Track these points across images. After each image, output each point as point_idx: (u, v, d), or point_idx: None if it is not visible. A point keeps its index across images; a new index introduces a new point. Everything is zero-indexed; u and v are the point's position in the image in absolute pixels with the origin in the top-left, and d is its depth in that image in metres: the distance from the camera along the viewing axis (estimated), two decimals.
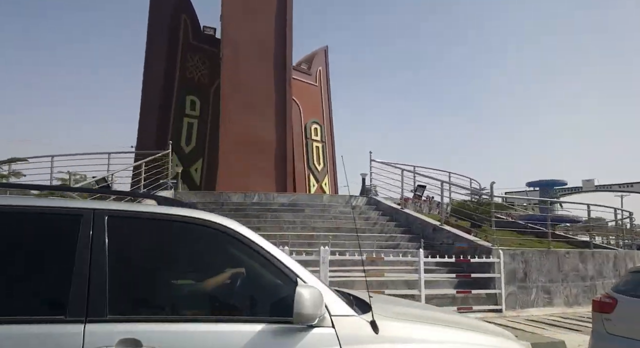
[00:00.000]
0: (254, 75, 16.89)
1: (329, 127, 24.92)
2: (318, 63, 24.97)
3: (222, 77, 16.21)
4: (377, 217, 11.80)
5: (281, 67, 17.07)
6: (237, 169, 15.74)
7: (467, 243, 9.50)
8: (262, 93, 16.89)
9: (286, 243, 8.78)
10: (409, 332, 2.31)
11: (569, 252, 10.03)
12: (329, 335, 2.10)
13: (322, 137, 24.29)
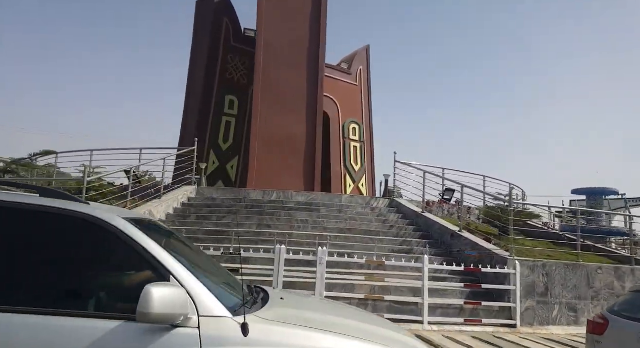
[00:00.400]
0: (287, 76, 17.01)
1: (368, 127, 24.61)
2: (359, 62, 24.74)
3: (255, 78, 16.47)
4: (397, 220, 11.39)
5: (314, 67, 17.07)
6: (268, 168, 15.91)
7: (480, 251, 8.91)
8: (294, 94, 16.99)
9: (284, 242, 8.65)
10: (282, 337, 2.14)
11: (602, 267, 9.12)
12: (189, 336, 2.02)
13: (361, 137, 24.03)
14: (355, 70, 24.41)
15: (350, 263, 8.15)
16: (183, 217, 10.47)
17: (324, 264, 7.52)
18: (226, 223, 10.04)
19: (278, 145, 16.27)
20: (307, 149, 16.42)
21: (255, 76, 16.65)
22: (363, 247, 9.40)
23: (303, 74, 17.40)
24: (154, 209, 9.87)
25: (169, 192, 11.32)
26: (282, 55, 17.02)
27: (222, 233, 9.39)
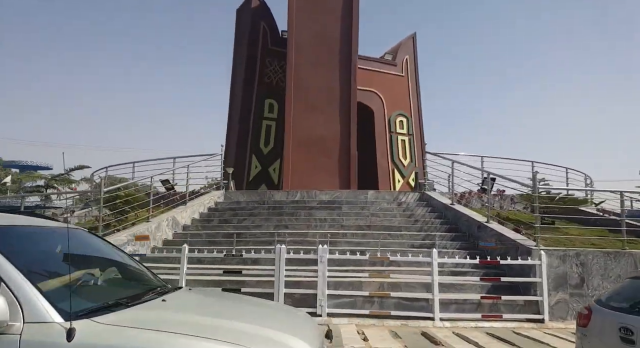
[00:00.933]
0: (319, 75, 16.99)
1: (417, 119, 23.82)
2: (405, 52, 24.05)
3: (287, 78, 16.60)
4: (424, 214, 10.85)
5: (346, 65, 16.88)
6: (302, 169, 15.96)
7: (504, 242, 8.20)
8: (326, 92, 16.92)
9: (284, 241, 8.58)
10: (111, 341, 2.08)
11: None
12: (8, 343, 2.05)
13: (409, 130, 23.34)
14: (400, 60, 23.73)
15: (361, 261, 7.90)
16: (207, 221, 10.77)
17: (324, 262, 7.35)
18: (245, 226, 10.17)
19: (312, 146, 16.25)
20: (341, 147, 16.23)
21: (287, 77, 16.79)
22: (380, 244, 9.05)
23: (335, 72, 17.27)
24: (177, 215, 10.27)
25: (198, 197, 11.72)
26: (313, 53, 17.00)
27: (240, 236, 9.52)
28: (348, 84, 16.94)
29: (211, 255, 7.58)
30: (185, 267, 7.40)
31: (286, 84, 16.87)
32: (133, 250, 8.49)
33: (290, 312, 3.42)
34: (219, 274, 7.61)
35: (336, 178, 16.10)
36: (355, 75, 16.91)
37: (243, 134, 19.52)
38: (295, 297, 7.31)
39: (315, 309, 7.19)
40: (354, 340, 6.03)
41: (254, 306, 3.29)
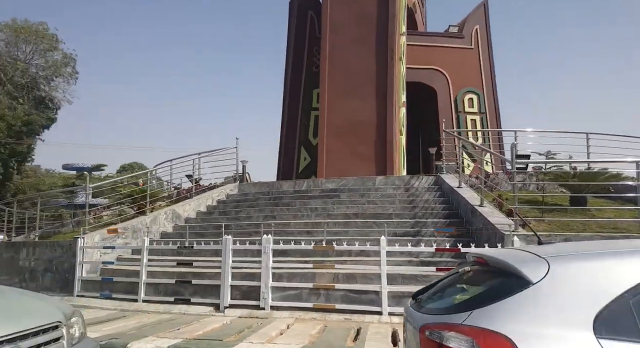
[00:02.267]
0: (355, 56, 16.23)
1: (491, 94, 21.66)
2: (474, 22, 22.05)
3: (322, 60, 16.20)
4: (428, 199, 9.77)
5: (383, 44, 15.84)
6: (338, 155, 15.51)
7: (484, 227, 6.99)
8: (362, 75, 16.14)
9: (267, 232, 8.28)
10: None
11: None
12: None
13: (481, 108, 21.36)
14: (469, 31, 21.77)
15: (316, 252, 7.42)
16: (210, 214, 11.03)
17: (268, 253, 7.04)
18: (237, 217, 10.19)
19: (349, 131, 15.64)
20: (378, 132, 15.34)
21: (321, 59, 16.36)
22: (359, 232, 8.40)
23: (372, 52, 16.33)
24: (179, 208, 10.68)
25: (210, 190, 12.04)
26: (349, 34, 16.30)
27: (227, 227, 9.55)
28: (384, 65, 15.88)
29: (166, 247, 7.72)
30: (145, 259, 7.64)
31: (320, 67, 16.43)
32: (124, 243, 9.06)
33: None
34: (173, 266, 7.73)
35: (372, 165, 15.29)
36: (396, 55, 15.79)
37: (292, 125, 19.56)
38: (242, 289, 7.13)
39: (259, 302, 6.92)
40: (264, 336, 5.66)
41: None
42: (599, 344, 1.70)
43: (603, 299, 1.79)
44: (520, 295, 1.91)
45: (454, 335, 1.92)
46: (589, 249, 2.27)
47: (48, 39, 31.60)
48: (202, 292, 7.29)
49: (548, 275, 1.92)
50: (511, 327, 1.82)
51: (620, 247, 2.26)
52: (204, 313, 6.98)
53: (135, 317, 6.83)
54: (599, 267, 1.94)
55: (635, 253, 2.05)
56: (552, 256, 2.05)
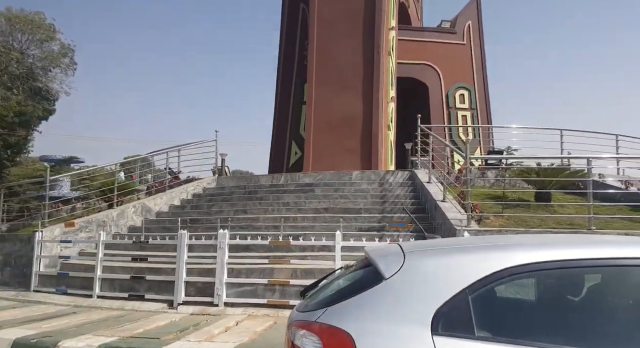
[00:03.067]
0: (342, 50, 15.94)
1: (482, 90, 21.40)
2: (466, 17, 21.78)
3: (309, 54, 15.92)
4: (400, 194, 9.57)
5: (370, 39, 15.53)
6: (324, 149, 15.27)
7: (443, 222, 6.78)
8: (350, 69, 15.84)
9: (235, 227, 8.12)
10: None
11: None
12: None
13: (472, 104, 21.12)
14: (461, 27, 21.50)
15: (279, 246, 7.20)
16: (182, 208, 10.84)
17: (224, 248, 6.86)
18: (208, 212, 10.01)
19: (335, 125, 15.39)
20: (364, 127, 15.08)
21: (309, 53, 16.08)
22: (325, 227, 8.20)
23: (359, 46, 16.02)
24: (149, 202, 10.50)
25: (185, 183, 11.85)
26: (337, 27, 15.98)
27: (197, 222, 9.39)
28: (371, 60, 15.59)
29: (121, 242, 7.54)
30: (101, 253, 7.46)
31: (308, 60, 16.16)
32: (88, 237, 8.89)
33: None
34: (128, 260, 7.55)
35: (359, 160, 15.05)
36: (383, 49, 15.49)
37: (283, 119, 19.34)
38: (197, 285, 6.96)
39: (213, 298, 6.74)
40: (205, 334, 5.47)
41: None
42: (431, 340, 1.62)
43: (445, 295, 1.70)
44: (372, 291, 1.82)
45: (303, 333, 1.85)
46: (453, 244, 2.14)
47: (45, 29, 31.35)
48: (157, 288, 7.12)
49: (400, 270, 1.83)
50: (356, 324, 1.74)
51: (479, 242, 2.15)
52: (156, 310, 6.81)
53: (85, 313, 6.67)
54: (447, 262, 1.84)
55: (482, 248, 1.96)
56: (410, 251, 1.93)
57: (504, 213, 6.82)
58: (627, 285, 1.84)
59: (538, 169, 7.68)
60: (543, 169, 7.63)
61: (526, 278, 1.90)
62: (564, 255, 1.78)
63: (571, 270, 1.82)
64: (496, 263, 1.76)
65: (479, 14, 22.01)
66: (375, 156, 14.88)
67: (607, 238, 2.23)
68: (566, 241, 2.17)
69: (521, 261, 1.75)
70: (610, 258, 1.76)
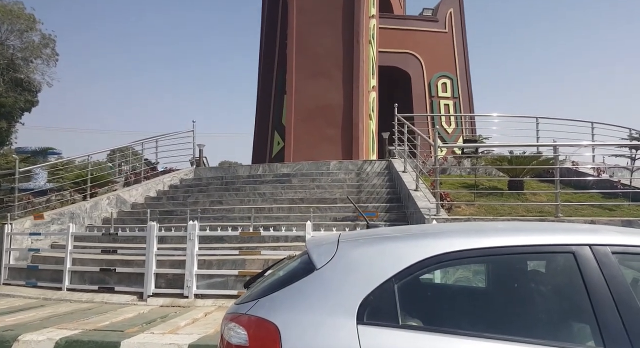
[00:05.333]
0: (322, 37, 15.77)
1: (464, 79, 21.42)
2: (448, 4, 21.63)
3: (289, 42, 15.73)
4: (377, 184, 9.57)
5: (349, 26, 15.36)
6: (305, 139, 15.18)
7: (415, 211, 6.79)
8: (330, 57, 15.69)
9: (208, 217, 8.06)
10: None
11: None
12: None
13: (454, 93, 21.12)
14: (443, 15, 21.41)
15: (253, 237, 7.16)
16: (158, 199, 10.72)
17: (194, 240, 6.79)
18: (184, 203, 9.91)
19: (316, 115, 15.27)
20: (344, 116, 15.00)
21: (288, 41, 15.88)
22: (300, 218, 8.17)
23: (338, 34, 15.87)
24: (124, 193, 10.36)
25: (162, 174, 11.73)
26: (316, 15, 15.78)
27: (171, 213, 9.30)
28: (351, 47, 15.46)
29: (90, 234, 7.43)
30: (70, 246, 7.35)
31: (287, 48, 15.99)
32: (59, 229, 8.75)
33: None
34: (99, 253, 7.46)
35: (340, 149, 15.00)
36: (363, 38, 15.36)
37: (265, 108, 19.17)
38: (168, 277, 6.90)
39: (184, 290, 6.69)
40: (171, 325, 5.44)
41: None
42: (355, 330, 1.60)
43: (372, 284, 1.69)
44: (303, 281, 1.80)
45: (231, 326, 1.82)
46: (388, 233, 2.13)
47: (24, 19, 30.56)
48: (127, 280, 7.04)
49: (331, 260, 1.81)
50: (284, 315, 1.72)
51: (415, 231, 2.15)
52: (126, 302, 6.75)
53: (53, 306, 6.58)
54: (376, 251, 1.82)
55: (412, 236, 1.97)
56: (345, 240, 1.92)
57: (476, 201, 6.85)
58: (548, 271, 1.84)
59: (510, 157, 7.72)
60: (515, 157, 7.68)
61: (452, 266, 1.90)
62: (488, 242, 1.76)
63: (494, 257, 1.81)
64: (422, 251, 1.75)
65: (461, 1, 21.95)
66: (356, 146, 14.84)
67: (538, 226, 2.21)
68: (493, 228, 2.16)
69: (446, 249, 1.74)
70: (532, 245, 1.75)
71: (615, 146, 8.06)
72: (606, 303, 1.52)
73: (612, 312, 1.51)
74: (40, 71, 32.29)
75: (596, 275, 1.58)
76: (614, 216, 6.08)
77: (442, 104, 20.93)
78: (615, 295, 1.54)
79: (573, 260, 1.63)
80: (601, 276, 1.58)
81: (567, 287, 1.73)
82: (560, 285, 1.79)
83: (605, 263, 1.60)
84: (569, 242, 1.70)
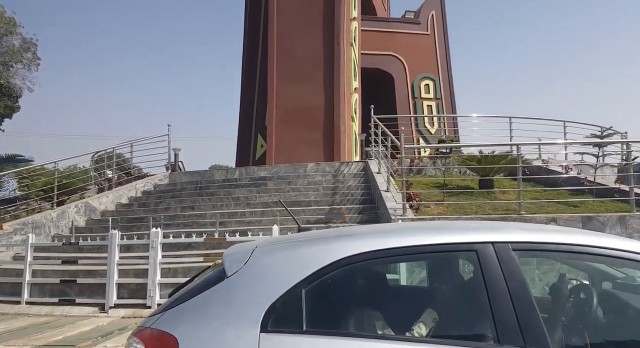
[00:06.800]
0: (303, 39, 15.59)
1: (446, 80, 21.38)
2: (430, 7, 21.62)
3: (269, 45, 15.52)
4: (353, 186, 9.39)
5: (329, 28, 15.20)
6: (287, 142, 14.96)
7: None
8: (311, 60, 15.49)
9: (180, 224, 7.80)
10: None
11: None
12: None
13: (437, 94, 21.07)
14: (425, 17, 21.38)
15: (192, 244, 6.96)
16: (129, 206, 10.42)
17: (156, 248, 6.54)
18: (155, 209, 9.63)
19: (297, 118, 15.06)
20: (326, 118, 14.80)
21: (269, 43, 15.68)
22: (272, 221, 7.92)
23: (319, 36, 15.70)
24: (94, 201, 10.05)
25: (138, 180, 11.42)
26: (297, 17, 15.60)
27: (141, 220, 9.01)
28: (331, 50, 15.29)
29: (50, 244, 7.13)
30: (30, 257, 7.05)
31: (268, 51, 15.79)
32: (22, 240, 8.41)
33: None
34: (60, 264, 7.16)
35: (321, 152, 14.79)
36: (344, 40, 15.20)
37: (248, 111, 18.93)
38: (131, 287, 6.64)
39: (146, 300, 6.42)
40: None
41: None
42: (257, 339, 1.54)
43: (279, 290, 1.62)
44: (212, 290, 1.70)
45: (132, 341, 1.72)
46: (306, 237, 2.02)
47: (4, 22, 30.05)
48: (89, 291, 6.77)
49: (242, 267, 1.72)
50: (185, 327, 1.62)
51: (332, 233, 2.06)
52: (86, 315, 6.47)
53: (9, 321, 6.28)
54: (287, 256, 1.76)
55: (324, 239, 1.88)
56: (260, 246, 1.83)
57: (446, 201, 6.69)
58: (452, 270, 1.81)
59: (480, 156, 7.61)
60: (484, 156, 7.58)
61: (360, 268, 1.82)
62: (396, 243, 1.70)
63: (400, 257, 1.80)
64: (331, 254, 1.68)
65: (442, 4, 21.96)
66: (338, 148, 14.65)
67: (449, 225, 2.17)
68: (406, 228, 2.04)
69: (354, 251, 1.67)
70: (437, 244, 1.69)
71: (580, 144, 8.05)
72: (503, 300, 1.51)
73: (508, 308, 1.49)
74: (21, 76, 31.73)
75: (496, 272, 1.56)
76: (577, 212, 6.03)
77: (425, 105, 20.87)
78: (512, 291, 1.52)
79: (476, 258, 1.60)
80: (500, 273, 1.55)
81: (470, 285, 1.69)
82: (464, 283, 1.76)
83: (505, 260, 1.58)
84: (473, 240, 1.65)
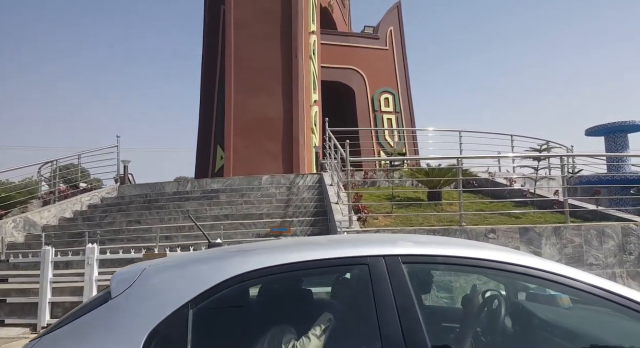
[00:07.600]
0: (261, 53, 15.54)
1: (405, 94, 21.81)
2: (388, 23, 22.12)
3: (226, 56, 15.39)
4: (306, 198, 9.33)
5: (287, 40, 15.23)
6: (245, 153, 14.77)
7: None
8: (269, 72, 15.44)
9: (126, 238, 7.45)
10: None
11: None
12: None
13: (396, 107, 21.41)
14: (384, 32, 21.79)
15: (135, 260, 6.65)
16: (73, 221, 9.94)
17: (92, 264, 6.21)
18: (99, 224, 9.23)
19: (255, 130, 14.92)
20: (284, 130, 14.73)
21: (226, 55, 15.56)
22: (222, 235, 7.75)
23: (277, 48, 15.69)
24: (34, 215, 9.53)
25: (83, 193, 10.94)
26: (254, 29, 15.55)
27: (82, 235, 8.58)
28: (289, 62, 15.30)
29: None
30: None
31: (225, 63, 15.66)
32: None
33: None
34: None
35: (280, 164, 14.68)
36: (302, 53, 15.24)
37: (207, 122, 18.65)
38: (65, 305, 6.25)
39: None
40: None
41: None
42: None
43: (164, 312, 1.53)
44: (94, 313, 1.60)
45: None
46: (203, 255, 1.91)
47: None
48: (20, 311, 6.35)
49: (129, 288, 1.62)
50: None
51: (232, 250, 1.98)
52: (16, 336, 6.04)
53: None
54: (178, 275, 1.66)
55: (218, 257, 1.79)
56: (151, 265, 1.74)
57: (394, 212, 6.72)
58: (344, 284, 1.77)
59: (427, 169, 7.73)
60: (431, 169, 7.71)
61: (255, 285, 1.77)
62: (291, 258, 1.64)
63: (295, 273, 1.71)
64: (224, 272, 1.60)
65: (400, 20, 22.52)
66: (297, 160, 14.59)
67: (345, 239, 2.15)
68: (306, 243, 1.97)
69: (248, 268, 1.60)
70: (331, 258, 1.65)
71: (520, 157, 8.37)
72: (390, 314, 1.49)
73: (394, 322, 1.47)
74: None
75: (385, 285, 1.54)
76: (517, 223, 6.21)
77: (385, 118, 21.20)
78: (399, 305, 1.50)
79: (367, 271, 1.57)
80: (389, 286, 1.54)
81: (361, 299, 1.67)
82: (355, 297, 1.75)
83: (395, 273, 1.56)
84: (366, 254, 1.63)
